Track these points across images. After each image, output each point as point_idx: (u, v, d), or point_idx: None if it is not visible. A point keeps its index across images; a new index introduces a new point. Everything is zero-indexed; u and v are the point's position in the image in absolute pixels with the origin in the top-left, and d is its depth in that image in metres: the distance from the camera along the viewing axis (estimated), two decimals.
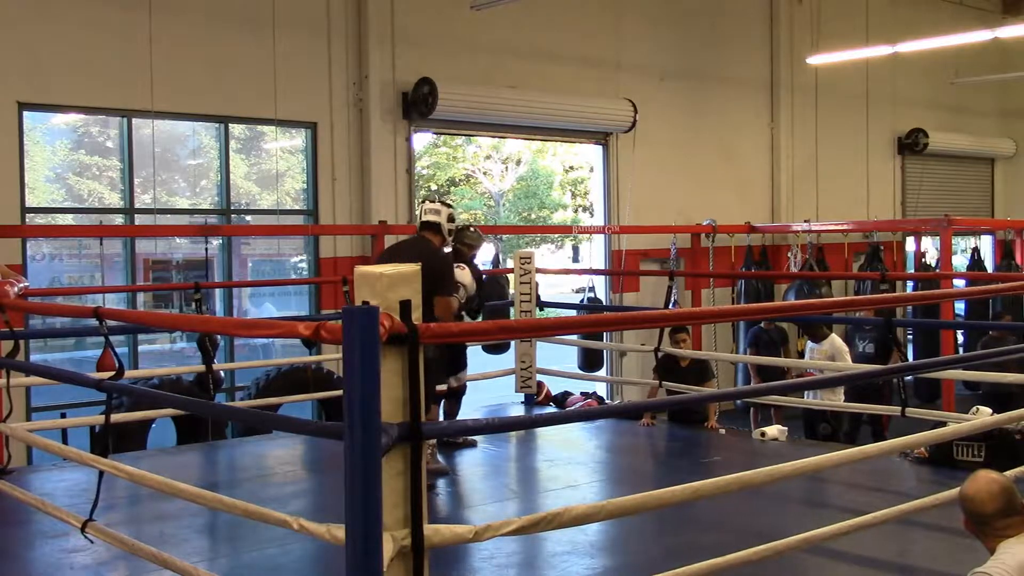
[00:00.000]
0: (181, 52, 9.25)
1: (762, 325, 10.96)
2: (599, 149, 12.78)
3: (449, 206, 6.22)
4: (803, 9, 14.28)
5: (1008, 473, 4.14)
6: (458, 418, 7.07)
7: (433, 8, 10.84)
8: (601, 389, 11.51)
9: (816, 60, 13.69)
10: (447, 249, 6.41)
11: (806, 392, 9.00)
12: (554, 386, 9.46)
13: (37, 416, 8.38)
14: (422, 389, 2.86)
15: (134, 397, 7.04)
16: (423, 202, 6.46)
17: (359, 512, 2.65)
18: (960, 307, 12.67)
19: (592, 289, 12.32)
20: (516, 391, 8.93)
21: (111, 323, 4.93)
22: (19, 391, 7.38)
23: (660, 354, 8.09)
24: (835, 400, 8.65)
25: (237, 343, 9.95)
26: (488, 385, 10.01)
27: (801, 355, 11.30)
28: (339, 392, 6.02)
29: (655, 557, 4.76)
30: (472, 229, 7.32)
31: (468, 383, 9.32)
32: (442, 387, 6.86)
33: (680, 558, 3.72)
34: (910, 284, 11.52)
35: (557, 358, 10.91)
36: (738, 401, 10.75)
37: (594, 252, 13.44)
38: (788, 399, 8.51)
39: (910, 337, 13.32)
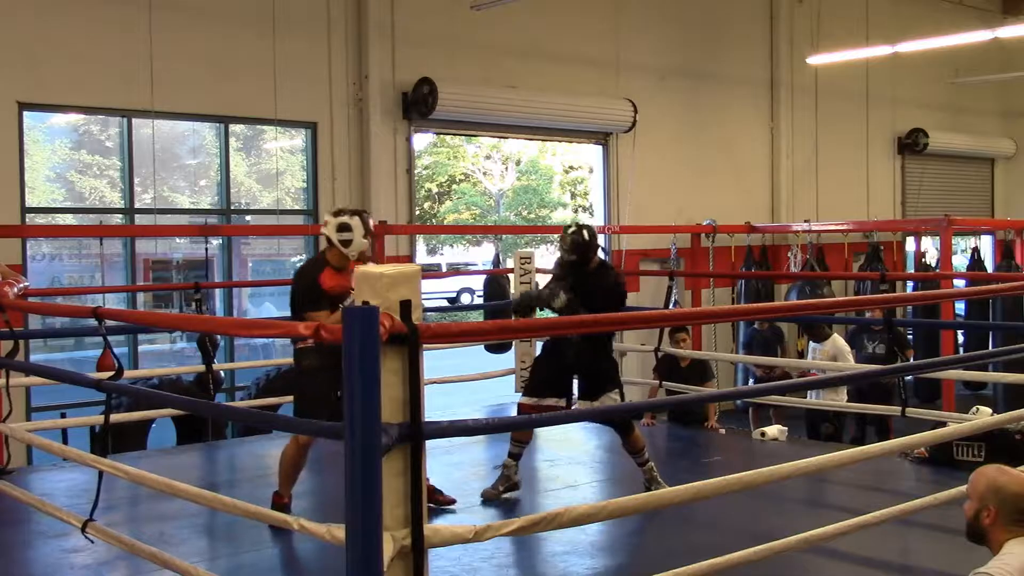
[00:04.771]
0: (181, 52, 9.24)
1: (756, 326, 10.96)
2: (599, 149, 12.77)
3: (340, 214, 5.37)
4: (803, 9, 14.28)
5: None
6: (462, 418, 6.98)
7: (433, 8, 10.84)
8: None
9: (816, 60, 13.68)
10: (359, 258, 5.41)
11: (809, 392, 9.00)
12: None
13: (37, 416, 8.38)
14: (422, 389, 2.86)
15: (134, 397, 7.05)
16: None
17: (359, 512, 2.65)
18: (960, 307, 12.67)
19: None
20: (516, 391, 8.93)
21: (111, 323, 4.94)
22: (19, 391, 7.38)
23: (660, 354, 8.09)
24: (837, 400, 8.65)
25: (237, 343, 9.95)
26: (488, 385, 10.03)
27: (802, 355, 11.31)
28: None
29: (655, 557, 4.76)
30: (568, 229, 6.08)
31: (470, 383, 9.37)
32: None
33: (680, 558, 3.71)
34: (910, 284, 11.52)
35: None
36: (738, 401, 10.75)
37: None
38: (790, 399, 8.50)
39: (910, 337, 13.32)
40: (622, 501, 3.61)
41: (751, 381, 11.25)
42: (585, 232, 6.04)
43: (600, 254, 6.16)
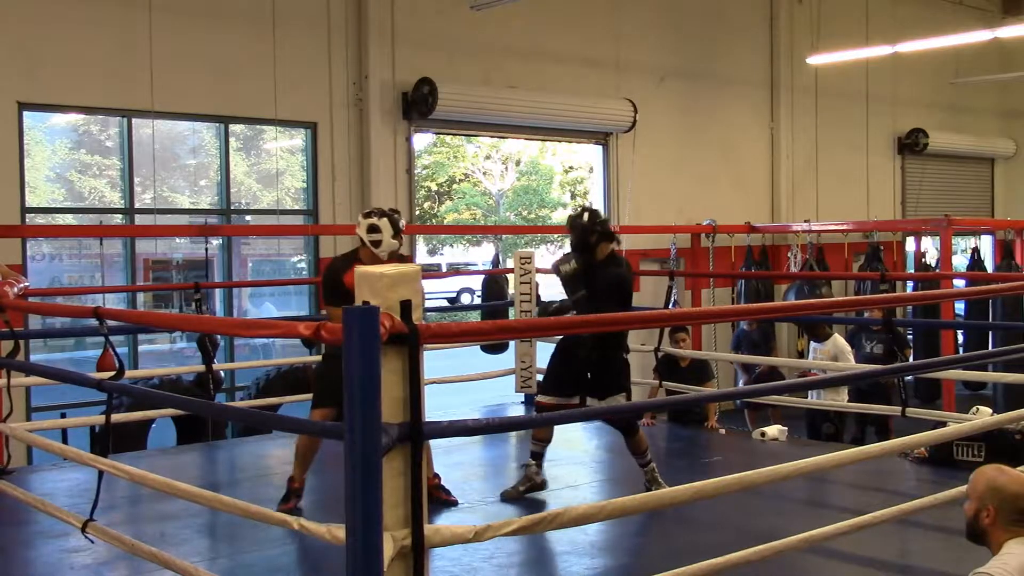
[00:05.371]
0: (181, 52, 9.24)
1: (744, 326, 10.97)
2: (599, 149, 12.78)
3: (369, 215, 5.52)
4: (803, 9, 14.27)
5: None
6: (462, 418, 6.96)
7: (433, 8, 10.84)
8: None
9: (816, 60, 13.68)
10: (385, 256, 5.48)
11: (810, 392, 9.00)
12: None
13: (37, 416, 8.38)
14: (422, 389, 2.86)
15: (134, 397, 7.04)
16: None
17: (359, 512, 2.65)
18: (960, 307, 12.67)
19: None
20: (516, 391, 8.93)
21: (111, 323, 4.93)
22: (19, 391, 7.38)
23: (660, 354, 8.09)
24: (838, 400, 8.64)
25: (237, 343, 9.95)
26: (488, 385, 10.03)
27: (802, 355, 11.31)
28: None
29: (655, 557, 4.76)
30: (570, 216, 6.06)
31: (470, 383, 9.37)
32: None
33: (680, 558, 3.71)
34: (910, 284, 11.51)
35: None
36: (738, 401, 10.76)
37: None
38: (789, 399, 8.50)
39: (910, 337, 13.32)
40: (622, 501, 3.60)
41: (740, 382, 11.28)
42: (585, 215, 5.87)
43: (613, 245, 5.94)
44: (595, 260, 5.82)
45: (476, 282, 18.46)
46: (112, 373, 4.35)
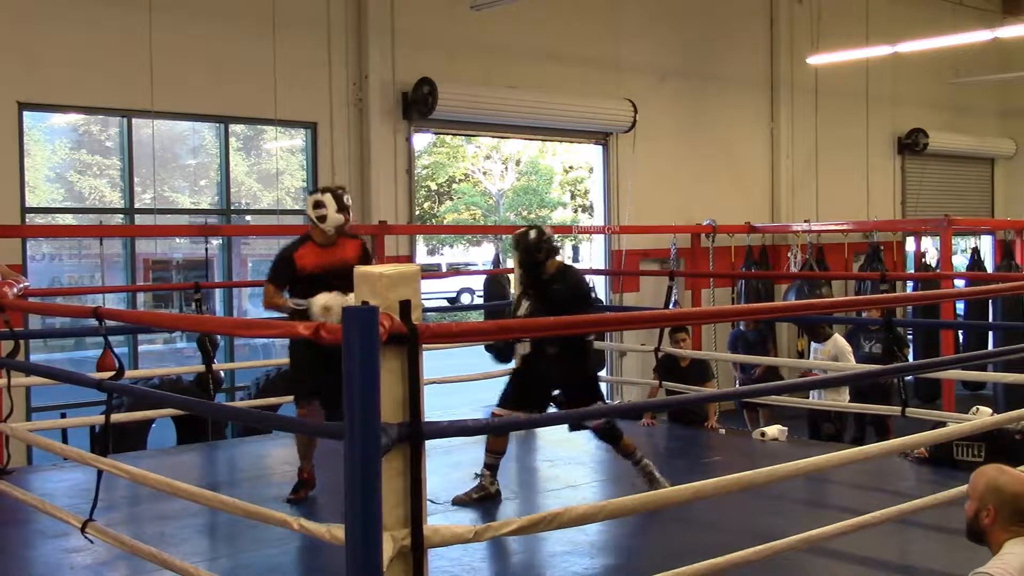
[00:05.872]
0: (181, 52, 9.24)
1: (741, 327, 10.97)
2: (599, 149, 12.78)
3: (314, 192, 5.71)
4: (803, 9, 14.28)
5: None
6: (462, 418, 6.92)
7: (433, 8, 10.84)
8: (602, 389, 11.48)
9: (816, 60, 13.69)
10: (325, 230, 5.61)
11: (811, 393, 9.00)
12: None
13: (37, 416, 8.38)
14: (422, 389, 2.85)
15: (134, 397, 7.05)
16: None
17: (359, 512, 2.65)
18: (960, 307, 12.67)
19: (592, 289, 12.30)
20: None
21: (111, 323, 4.93)
22: (19, 391, 7.37)
23: (660, 354, 8.09)
24: (839, 400, 8.64)
25: (237, 343, 9.95)
26: (488, 385, 10.02)
27: (802, 355, 11.31)
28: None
29: (655, 557, 4.75)
30: (519, 230, 6.05)
31: (470, 383, 9.37)
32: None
33: (680, 558, 3.71)
34: (910, 284, 11.52)
35: None
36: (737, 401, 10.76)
37: (594, 252, 13.43)
38: (790, 400, 8.50)
39: (910, 337, 13.32)
40: (622, 501, 3.60)
41: (736, 383, 11.28)
42: (532, 232, 5.87)
43: (560, 258, 5.96)
44: (544, 276, 5.83)
45: (476, 282, 18.49)
46: (112, 373, 4.36)
